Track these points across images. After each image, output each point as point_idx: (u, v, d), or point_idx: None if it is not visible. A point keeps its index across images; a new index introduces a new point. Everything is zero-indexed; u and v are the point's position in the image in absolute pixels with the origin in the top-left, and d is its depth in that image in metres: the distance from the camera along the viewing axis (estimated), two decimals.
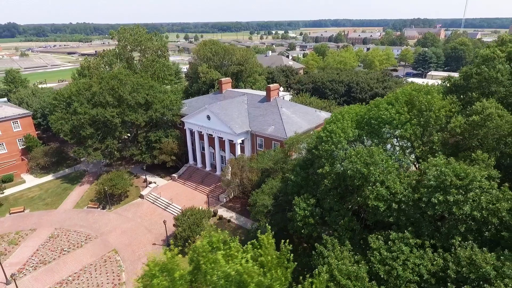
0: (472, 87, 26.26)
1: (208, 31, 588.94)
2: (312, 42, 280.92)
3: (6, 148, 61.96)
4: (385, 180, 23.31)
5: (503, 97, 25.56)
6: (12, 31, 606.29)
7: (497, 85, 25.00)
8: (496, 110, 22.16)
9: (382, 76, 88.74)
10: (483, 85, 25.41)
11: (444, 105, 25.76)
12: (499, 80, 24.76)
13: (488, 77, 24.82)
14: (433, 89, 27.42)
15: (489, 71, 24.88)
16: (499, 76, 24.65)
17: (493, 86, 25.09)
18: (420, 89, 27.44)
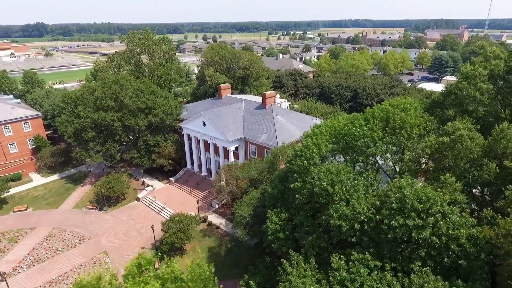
0: (451, 104, 25.49)
1: (227, 31, 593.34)
2: (329, 43, 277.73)
3: (17, 148, 65.09)
4: (350, 199, 23.10)
5: (481, 116, 24.68)
6: (41, 30, 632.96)
7: (476, 104, 24.15)
8: (467, 132, 21.46)
9: (391, 81, 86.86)
10: (462, 104, 24.61)
11: (419, 123, 25.17)
12: (478, 99, 23.91)
13: (467, 96, 24.03)
14: (411, 105, 26.82)
15: (469, 89, 24.08)
16: (477, 95, 23.82)
17: (471, 105, 24.26)
18: (398, 105, 26.91)
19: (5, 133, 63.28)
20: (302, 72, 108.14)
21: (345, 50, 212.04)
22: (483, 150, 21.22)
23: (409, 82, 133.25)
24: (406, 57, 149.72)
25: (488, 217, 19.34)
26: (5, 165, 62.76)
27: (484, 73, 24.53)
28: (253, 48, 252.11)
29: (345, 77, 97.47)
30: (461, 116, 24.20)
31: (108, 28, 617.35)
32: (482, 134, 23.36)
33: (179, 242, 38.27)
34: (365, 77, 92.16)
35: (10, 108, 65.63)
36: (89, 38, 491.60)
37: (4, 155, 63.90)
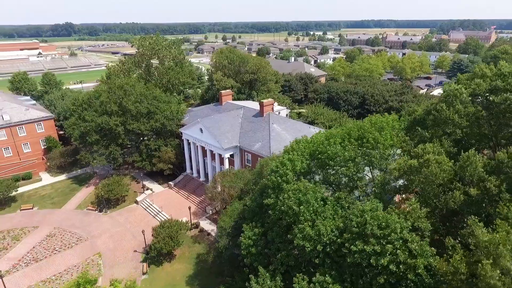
0: (429, 125, 24.75)
1: (247, 31, 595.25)
2: (348, 45, 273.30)
3: (30, 148, 68.40)
4: (316, 219, 23.00)
5: (461, 138, 23.84)
6: (69, 30, 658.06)
7: (453, 126, 23.34)
8: (435, 156, 20.83)
9: (401, 88, 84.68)
10: (439, 125, 23.84)
11: (392, 144, 24.65)
12: (455, 122, 23.11)
13: (444, 118, 23.26)
14: (389, 124, 26.28)
15: (446, 111, 23.31)
16: (455, 118, 23.01)
17: (449, 128, 23.46)
18: (376, 123, 26.46)
19: (19, 134, 66.66)
20: (312, 76, 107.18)
21: (363, 53, 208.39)
22: (450, 177, 20.54)
23: (426, 87, 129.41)
24: (424, 60, 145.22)
25: (449, 247, 18.74)
26: (18, 164, 66.13)
27: (466, 93, 23.65)
28: (270, 49, 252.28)
29: (355, 83, 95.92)
30: (439, 138, 23.46)
31: (132, 28, 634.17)
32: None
33: (166, 248, 39.15)
34: (374, 83, 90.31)
35: (24, 109, 69.02)
36: (114, 38, 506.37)
37: (18, 154, 67.33)
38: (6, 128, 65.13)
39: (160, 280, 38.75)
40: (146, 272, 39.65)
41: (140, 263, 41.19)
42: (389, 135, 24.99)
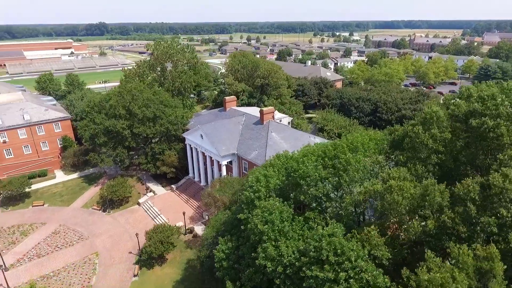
0: (405, 147, 23.88)
1: (273, 31, 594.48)
2: (373, 47, 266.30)
3: (48, 146, 72.32)
4: (279, 240, 22.95)
5: (438, 163, 22.79)
6: (102, 30, 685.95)
7: (428, 151, 22.37)
8: (399, 182, 20.13)
9: (416, 96, 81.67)
10: (415, 148, 22.93)
11: (365, 166, 24.05)
12: (429, 147, 22.15)
13: (419, 142, 22.36)
14: (364, 145, 25.64)
15: (422, 135, 22.38)
16: (429, 143, 22.06)
17: (424, 152, 22.51)
18: (352, 142, 25.92)
19: (38, 132, 70.67)
20: (327, 81, 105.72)
21: (388, 55, 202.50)
22: (413, 205, 19.75)
23: (450, 93, 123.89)
24: (449, 65, 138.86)
25: (404, 278, 18.07)
26: (37, 161, 70.18)
27: (444, 117, 22.57)
28: (292, 50, 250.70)
29: (369, 89, 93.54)
30: (413, 162, 22.57)
31: (161, 28, 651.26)
32: (439, 183, 21.72)
33: (156, 253, 40.28)
34: (389, 90, 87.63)
35: (44, 110, 73.06)
36: (143, 38, 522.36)
37: (37, 152, 71.39)
38: (27, 127, 69.25)
39: (149, 283, 39.93)
40: (137, 275, 40.99)
41: (133, 265, 42.62)
42: (361, 156, 24.39)
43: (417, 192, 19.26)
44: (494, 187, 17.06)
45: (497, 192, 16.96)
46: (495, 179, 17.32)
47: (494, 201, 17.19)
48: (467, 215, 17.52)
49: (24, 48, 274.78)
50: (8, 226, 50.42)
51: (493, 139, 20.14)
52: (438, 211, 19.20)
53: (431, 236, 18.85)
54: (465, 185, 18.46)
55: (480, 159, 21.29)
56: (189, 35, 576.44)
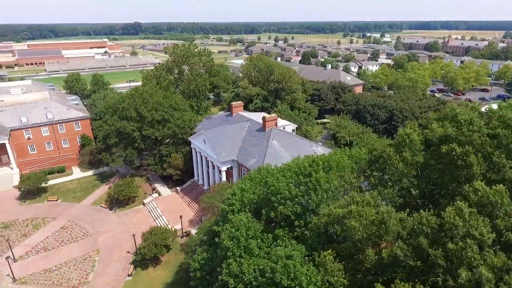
0: (379, 169, 23.01)
1: (302, 32, 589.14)
2: (404, 49, 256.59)
3: (68, 144, 76.61)
4: (243, 256, 22.99)
5: (414, 187, 21.74)
6: (137, 29, 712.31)
7: (399, 174, 21.41)
8: (360, 207, 19.46)
9: (436, 104, 77.89)
10: (386, 171, 22.04)
11: (336, 187, 23.46)
12: (400, 171, 21.20)
13: (390, 165, 21.47)
14: (339, 164, 25.01)
15: (393, 157, 21.47)
16: (399, 167, 21.11)
17: (394, 176, 21.55)
18: (328, 160, 25.39)
19: (59, 131, 75.04)
20: (345, 86, 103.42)
21: (418, 58, 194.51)
22: (371, 233, 18.96)
23: (479, 101, 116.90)
24: (481, 71, 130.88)
25: None
26: (57, 158, 74.53)
27: (416, 140, 21.47)
28: (317, 52, 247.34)
29: (387, 95, 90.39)
30: (384, 185, 21.71)
31: (192, 27, 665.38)
32: (405, 209, 20.83)
33: (149, 254, 41.55)
34: (408, 97, 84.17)
35: (66, 109, 77.38)
36: (175, 37, 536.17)
37: (58, 149, 75.81)
38: (49, 125, 73.74)
39: (141, 284, 41.28)
40: (131, 274, 42.49)
41: (129, 265, 44.21)
42: (334, 175, 23.80)
43: (377, 219, 18.55)
44: (446, 222, 16.08)
45: (448, 228, 15.97)
46: (447, 213, 16.32)
47: (446, 235, 16.19)
48: (419, 248, 16.63)
49: (62, 47, 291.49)
50: (23, 219, 54.00)
51: (463, 168, 18.94)
52: (396, 240, 18.38)
53: (387, 266, 18.06)
54: (419, 217, 17.53)
55: (452, 188, 20.06)
56: (219, 35, 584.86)
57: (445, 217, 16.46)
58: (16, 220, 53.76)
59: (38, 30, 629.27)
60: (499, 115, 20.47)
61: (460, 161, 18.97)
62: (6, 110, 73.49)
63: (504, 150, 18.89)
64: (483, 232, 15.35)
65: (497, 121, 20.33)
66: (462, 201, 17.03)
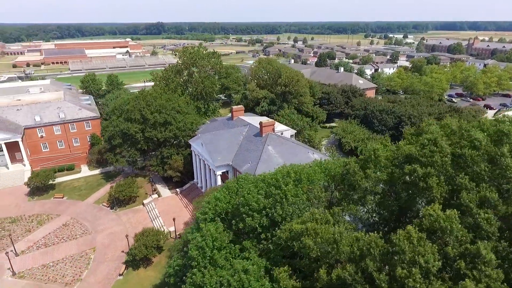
0: (347, 184, 22.48)
1: (323, 32, 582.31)
2: (426, 51, 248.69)
3: (79, 142, 79.50)
4: (208, 267, 23.15)
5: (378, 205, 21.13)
6: (159, 29, 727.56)
7: (362, 192, 20.82)
8: (319, 224, 19.12)
9: (447, 111, 75.07)
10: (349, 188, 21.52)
11: (303, 200, 23.17)
12: (362, 188, 20.64)
13: (354, 181, 20.92)
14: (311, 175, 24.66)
15: (357, 173, 20.93)
16: (362, 183, 20.53)
17: (357, 193, 20.99)
18: (300, 172, 25.13)
19: (71, 130, 78.03)
20: (356, 89, 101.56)
21: (438, 61, 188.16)
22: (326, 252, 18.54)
23: (499, 107, 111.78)
24: (503, 75, 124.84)
25: None
26: (68, 156, 77.46)
27: (382, 157, 20.79)
28: (335, 54, 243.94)
29: (398, 100, 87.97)
30: (348, 201, 21.22)
31: (212, 27, 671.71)
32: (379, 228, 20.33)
33: (139, 256, 42.50)
34: (419, 103, 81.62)
35: (78, 109, 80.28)
36: (195, 37, 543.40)
37: (69, 147, 78.84)
38: (61, 124, 76.81)
39: (131, 284, 42.27)
40: (122, 274, 43.59)
41: (121, 264, 45.37)
42: (301, 189, 23.48)
43: (331, 238, 18.18)
44: (396, 246, 15.51)
45: (395, 252, 15.41)
46: (396, 237, 15.74)
47: (394, 260, 15.62)
48: (367, 272, 16.14)
49: (86, 46, 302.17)
50: (29, 215, 56.51)
51: (424, 190, 18.19)
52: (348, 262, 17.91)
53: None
54: (368, 239, 17.00)
55: (415, 210, 19.32)
56: (239, 35, 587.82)
57: (394, 241, 15.95)
58: (23, 216, 56.31)
59: (66, 30, 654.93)
60: (468, 134, 19.50)
61: (421, 183, 18.27)
62: (22, 109, 77.10)
63: (470, 171, 18.01)
64: (429, 259, 14.75)
65: (466, 140, 19.41)
66: (416, 225, 16.43)
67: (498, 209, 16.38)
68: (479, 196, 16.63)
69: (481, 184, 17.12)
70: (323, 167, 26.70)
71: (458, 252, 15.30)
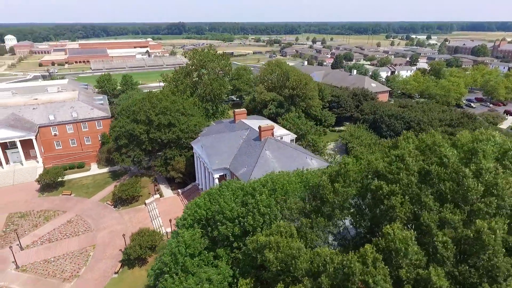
0: (319, 198, 22.14)
1: (343, 33, 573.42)
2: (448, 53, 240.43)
3: (90, 141, 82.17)
4: (179, 273, 23.48)
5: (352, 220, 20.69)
6: (180, 29, 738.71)
7: (330, 205, 20.42)
8: (284, 238, 18.98)
9: (459, 117, 72.36)
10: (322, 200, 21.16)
11: (274, 212, 23.05)
12: (330, 202, 20.26)
13: (322, 194, 20.57)
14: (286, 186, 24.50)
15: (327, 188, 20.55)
16: (330, 198, 20.14)
17: (326, 207, 20.61)
18: (277, 181, 25.04)
19: (82, 129, 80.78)
20: (368, 93, 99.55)
21: (461, 64, 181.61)
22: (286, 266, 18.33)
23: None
24: None
25: None
26: (79, 154, 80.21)
27: (351, 171, 20.29)
28: (353, 55, 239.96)
29: (410, 105, 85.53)
30: (316, 214, 20.89)
31: (232, 27, 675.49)
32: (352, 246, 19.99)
33: (133, 255, 43.51)
34: (430, 108, 79.10)
35: (90, 109, 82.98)
36: (215, 37, 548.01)
37: (81, 145, 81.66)
38: (74, 123, 79.67)
39: (125, 282, 43.35)
40: (118, 272, 44.77)
41: (118, 262, 46.58)
42: (273, 200, 23.35)
43: (290, 253, 18.01)
44: (350, 264, 15.16)
45: (348, 271, 15.05)
46: (349, 256, 15.36)
47: (347, 279, 15.27)
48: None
49: (108, 46, 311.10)
50: (37, 210, 58.99)
51: (389, 208, 17.65)
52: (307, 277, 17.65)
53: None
54: (324, 256, 16.67)
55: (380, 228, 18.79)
56: (258, 35, 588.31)
57: (345, 262, 15.63)
58: (32, 211, 58.84)
59: (91, 30, 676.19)
60: (440, 149, 18.73)
61: (386, 201, 17.76)
62: (38, 108, 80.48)
63: (436, 190, 17.33)
64: (378, 281, 14.37)
65: (436, 156, 18.68)
66: (374, 244, 16.05)
67: (458, 231, 15.67)
68: (439, 217, 15.99)
69: (445, 204, 16.44)
70: (303, 177, 26.42)
71: (411, 276, 14.82)
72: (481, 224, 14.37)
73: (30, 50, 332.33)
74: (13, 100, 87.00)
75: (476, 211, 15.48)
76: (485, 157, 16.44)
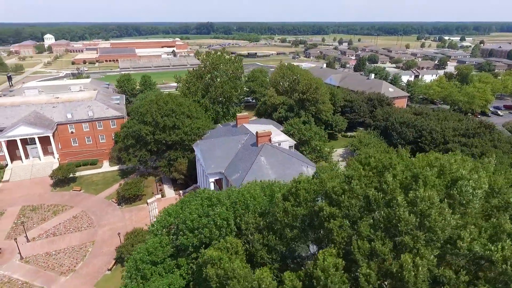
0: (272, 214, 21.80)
1: (372, 33, 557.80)
2: (482, 56, 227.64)
3: (105, 139, 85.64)
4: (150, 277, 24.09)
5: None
6: (209, 29, 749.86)
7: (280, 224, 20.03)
8: (222, 254, 18.95)
9: (476, 127, 68.38)
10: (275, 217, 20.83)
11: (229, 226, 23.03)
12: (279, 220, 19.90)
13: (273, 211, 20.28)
14: (248, 199, 24.41)
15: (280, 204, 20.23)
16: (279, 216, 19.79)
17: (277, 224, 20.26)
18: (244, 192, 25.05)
19: (97, 127, 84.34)
20: (383, 98, 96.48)
21: (494, 67, 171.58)
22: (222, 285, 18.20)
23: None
24: None
25: None
26: (94, 151, 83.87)
27: (302, 190, 19.70)
28: (378, 57, 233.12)
29: (425, 112, 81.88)
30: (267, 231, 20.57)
31: (259, 27, 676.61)
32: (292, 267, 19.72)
33: (125, 254, 44.90)
34: (446, 116, 75.32)
35: (105, 108, 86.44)
36: (241, 37, 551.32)
37: (96, 143, 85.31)
38: (89, 122, 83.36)
39: (116, 280, 44.75)
40: (111, 269, 46.46)
41: (113, 260, 48.33)
42: (235, 213, 23.30)
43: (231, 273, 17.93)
44: None
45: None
46: (285, 276, 15.06)
47: None
48: None
49: (137, 46, 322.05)
50: (48, 205, 62.38)
51: (329, 231, 17.05)
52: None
53: None
54: (257, 276, 16.39)
55: None
56: (285, 35, 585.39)
57: (284, 281, 15.38)
58: (43, 205, 62.30)
59: (124, 29, 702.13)
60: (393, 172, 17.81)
61: (326, 223, 17.23)
62: (58, 106, 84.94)
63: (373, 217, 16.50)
64: None
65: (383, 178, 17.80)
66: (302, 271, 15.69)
67: (385, 264, 14.87)
68: (370, 247, 15.23)
69: (377, 233, 15.64)
70: (269, 190, 26.15)
71: None
72: (405, 258, 13.54)
73: (66, 49, 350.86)
74: (37, 98, 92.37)
75: (405, 244, 14.62)
76: (426, 185, 15.45)
